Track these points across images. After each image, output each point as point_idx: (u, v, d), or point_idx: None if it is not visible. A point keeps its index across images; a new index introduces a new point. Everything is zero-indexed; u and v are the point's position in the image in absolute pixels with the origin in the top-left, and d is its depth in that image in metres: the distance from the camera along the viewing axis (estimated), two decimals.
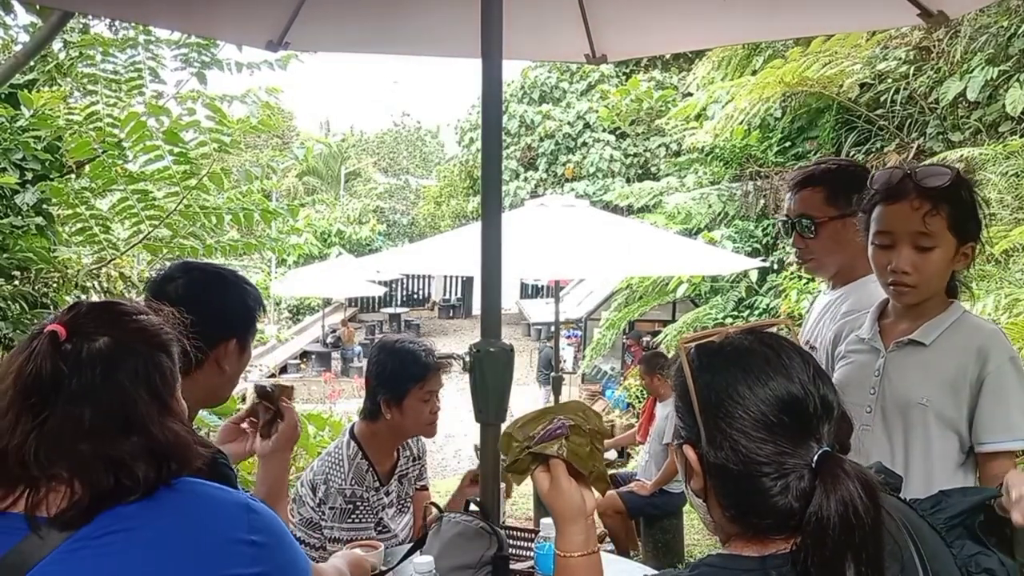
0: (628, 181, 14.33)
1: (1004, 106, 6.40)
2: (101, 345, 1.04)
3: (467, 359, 1.94)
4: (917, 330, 1.68)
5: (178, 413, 1.10)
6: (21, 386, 1.01)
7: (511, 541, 2.07)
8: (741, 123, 9.16)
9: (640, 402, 8.98)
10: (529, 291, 21.50)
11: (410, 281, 26.62)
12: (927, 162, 6.79)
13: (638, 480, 5.02)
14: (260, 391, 1.70)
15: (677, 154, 13.07)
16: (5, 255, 3.49)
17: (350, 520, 2.21)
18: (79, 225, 3.96)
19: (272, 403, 1.70)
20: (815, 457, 0.93)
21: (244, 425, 1.78)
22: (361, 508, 2.23)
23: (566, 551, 1.29)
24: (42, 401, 1.00)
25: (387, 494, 2.37)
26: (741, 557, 0.96)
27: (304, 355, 17.37)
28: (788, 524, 0.93)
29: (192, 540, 1.00)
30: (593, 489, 1.33)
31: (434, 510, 2.15)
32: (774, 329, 1.08)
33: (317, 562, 2.21)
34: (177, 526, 1.01)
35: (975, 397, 1.60)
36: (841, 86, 8.05)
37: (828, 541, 0.88)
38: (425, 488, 2.60)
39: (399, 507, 2.44)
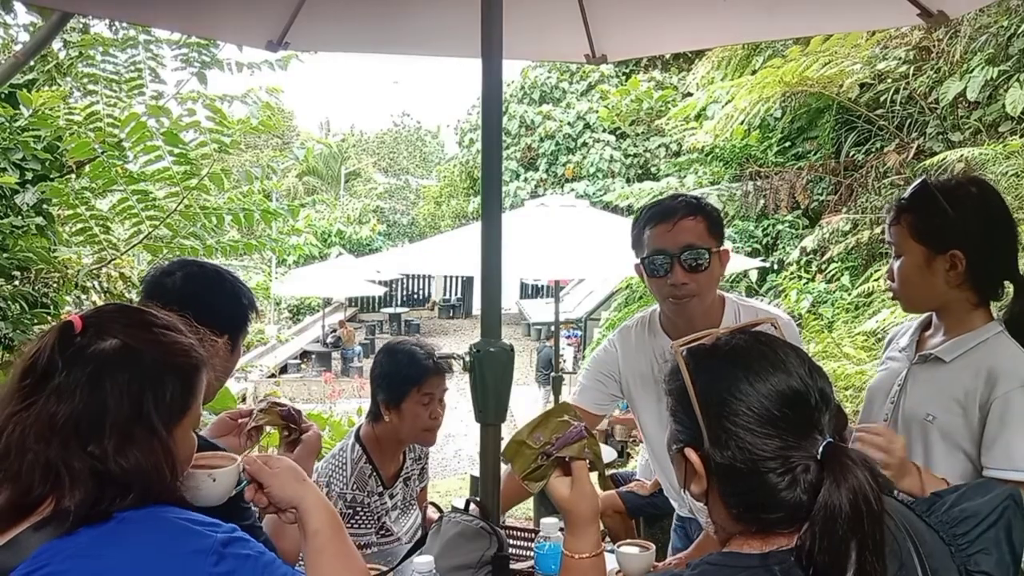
0: (628, 181, 14.31)
1: (1004, 106, 6.40)
2: (108, 346, 1.00)
3: (467, 359, 1.93)
4: (942, 345, 1.67)
5: (162, 441, 1.01)
6: (20, 369, 1.00)
7: (511, 541, 2.07)
8: (741, 123, 9.16)
9: None
10: (529, 291, 21.50)
11: (410, 281, 26.62)
12: (927, 163, 6.79)
13: (638, 480, 5.02)
14: (286, 415, 1.73)
15: (677, 154, 13.06)
16: (5, 255, 3.48)
17: (350, 524, 2.20)
18: (79, 225, 3.96)
19: (296, 424, 1.73)
20: (820, 448, 0.93)
21: (241, 420, 1.78)
22: (361, 513, 2.22)
23: (579, 552, 1.28)
24: (32, 387, 0.98)
25: (391, 497, 2.36)
26: (742, 555, 0.96)
27: (304, 355, 17.37)
28: (797, 517, 0.92)
29: None
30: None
31: (434, 510, 2.16)
32: (760, 328, 1.09)
33: None
34: (125, 566, 0.93)
35: (983, 421, 1.56)
36: (841, 86, 8.05)
37: (837, 529, 0.88)
38: (423, 489, 2.59)
39: (403, 508, 2.43)
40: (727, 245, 2.04)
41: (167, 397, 1.02)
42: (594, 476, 1.37)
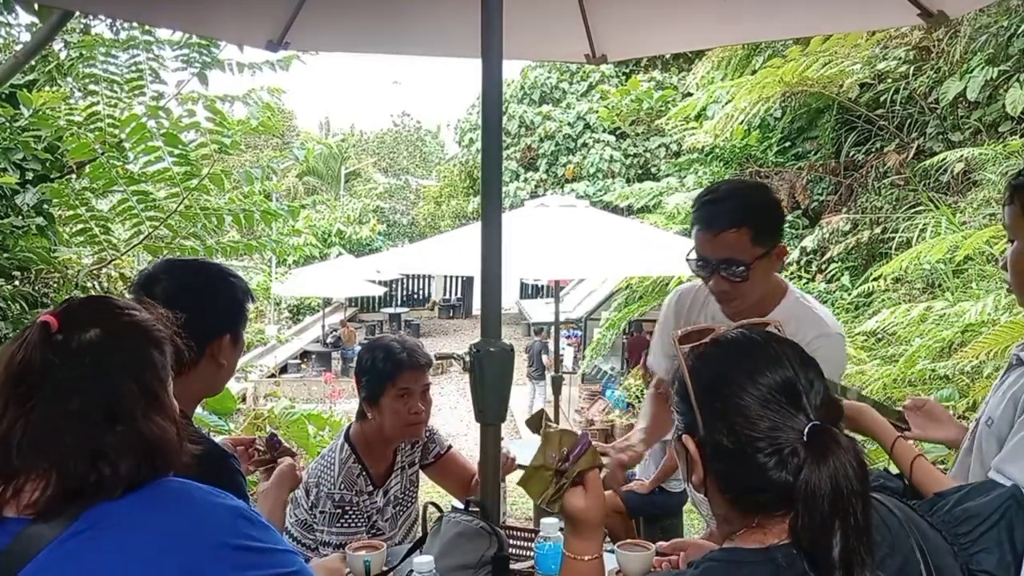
0: (628, 181, 14.32)
1: (1004, 106, 6.41)
2: (92, 336, 1.04)
3: (467, 359, 1.93)
4: None
5: (168, 408, 1.10)
6: (10, 375, 1.01)
7: (511, 541, 2.07)
8: (741, 123, 9.17)
9: (640, 402, 8.98)
10: (529, 291, 21.50)
11: (410, 281, 26.63)
12: (927, 163, 6.80)
13: (639, 480, 5.02)
14: (271, 440, 1.88)
15: (677, 154, 13.07)
16: (5, 255, 3.48)
17: (339, 524, 2.20)
18: (79, 226, 3.96)
19: (270, 452, 1.86)
20: (806, 430, 0.95)
21: (240, 448, 1.88)
22: (350, 513, 2.21)
23: (582, 554, 1.29)
24: (30, 389, 1.00)
25: (384, 493, 2.35)
26: (744, 549, 0.98)
27: (304, 355, 17.37)
28: (787, 498, 0.94)
29: (179, 539, 1.00)
30: None
31: (433, 509, 2.15)
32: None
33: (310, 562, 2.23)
34: (165, 525, 1.01)
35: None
36: (841, 86, 8.06)
37: (819, 508, 0.90)
38: (440, 456, 2.49)
39: (402, 503, 2.41)
40: None
41: (157, 368, 1.09)
42: None
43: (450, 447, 2.53)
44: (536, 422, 1.43)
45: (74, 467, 0.99)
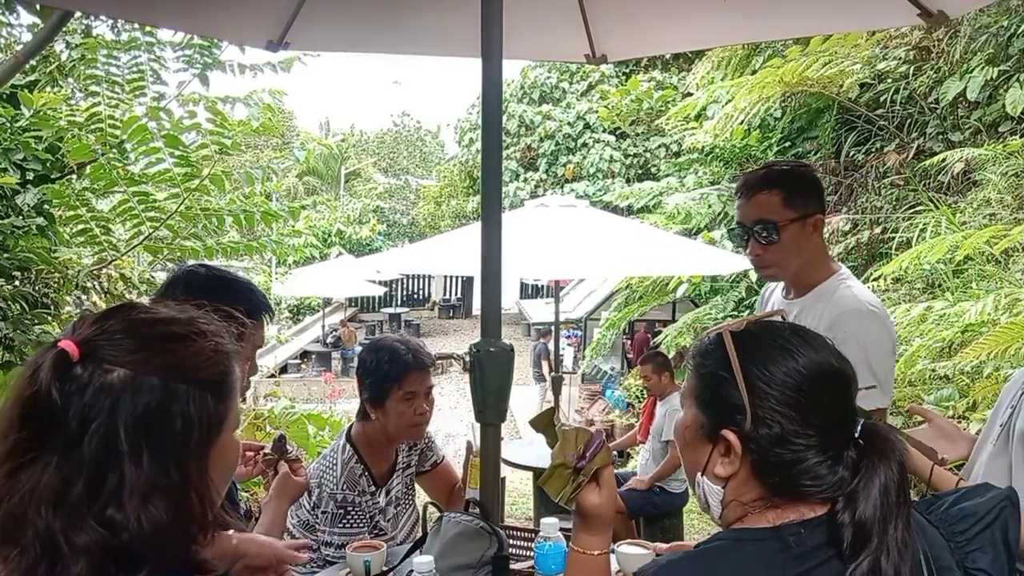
0: (628, 181, 14.31)
1: (1004, 106, 6.40)
2: (114, 379, 0.80)
3: (467, 359, 1.94)
4: None
5: (193, 478, 0.83)
6: (17, 413, 0.81)
7: (511, 541, 2.07)
8: (741, 123, 9.16)
9: (640, 402, 8.99)
10: (529, 291, 21.50)
11: (410, 281, 26.62)
12: (927, 163, 6.79)
13: (637, 477, 5.02)
14: (277, 443, 1.88)
15: (677, 154, 13.06)
16: (6, 255, 3.49)
17: (342, 524, 2.21)
18: (80, 226, 3.97)
19: (276, 455, 1.87)
20: (859, 426, 0.98)
21: (250, 453, 1.91)
22: (353, 513, 2.22)
23: (591, 549, 1.31)
24: (31, 439, 0.79)
25: (387, 492, 2.35)
26: (752, 529, 0.99)
27: (304, 355, 17.37)
28: (838, 489, 0.96)
29: None
30: None
31: (434, 509, 2.16)
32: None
33: (311, 562, 2.23)
34: None
35: None
36: (841, 86, 8.06)
37: (888, 501, 0.93)
38: (436, 465, 2.51)
39: (403, 503, 2.41)
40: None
41: (197, 419, 0.84)
42: None
43: (444, 457, 2.56)
44: (545, 420, 1.43)
45: (32, 561, 0.75)
